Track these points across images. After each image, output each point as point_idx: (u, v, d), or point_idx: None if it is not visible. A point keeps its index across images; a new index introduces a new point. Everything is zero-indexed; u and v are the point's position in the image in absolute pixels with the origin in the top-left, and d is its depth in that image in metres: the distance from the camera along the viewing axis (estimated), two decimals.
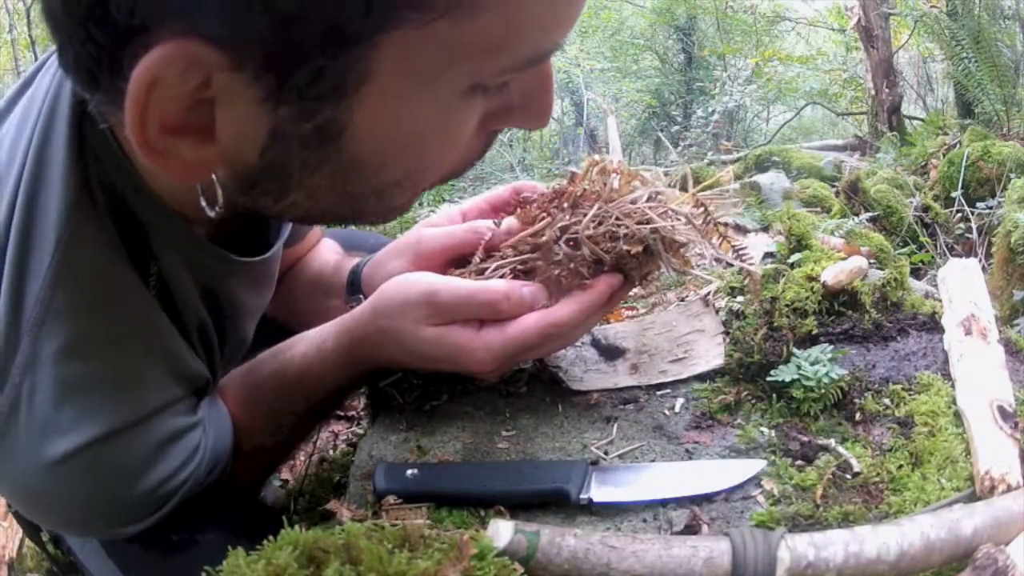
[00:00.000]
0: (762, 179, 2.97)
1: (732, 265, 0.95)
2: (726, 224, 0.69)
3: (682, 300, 0.89)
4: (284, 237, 0.76)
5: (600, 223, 0.64)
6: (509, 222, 0.71)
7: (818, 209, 2.42)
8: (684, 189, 0.70)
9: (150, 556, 0.70)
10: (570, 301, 0.64)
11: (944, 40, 4.07)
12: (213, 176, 0.48)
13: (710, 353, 0.78)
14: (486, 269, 0.68)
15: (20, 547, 1.22)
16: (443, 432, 0.71)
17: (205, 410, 0.67)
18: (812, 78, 6.30)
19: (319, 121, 0.43)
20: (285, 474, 1.38)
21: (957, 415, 0.66)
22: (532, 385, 0.77)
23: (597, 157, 0.67)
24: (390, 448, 0.70)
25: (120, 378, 0.58)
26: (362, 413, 1.42)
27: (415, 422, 0.73)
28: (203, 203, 0.50)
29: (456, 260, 0.72)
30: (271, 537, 0.47)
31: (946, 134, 3.76)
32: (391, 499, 0.61)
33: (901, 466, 0.62)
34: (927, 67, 6.38)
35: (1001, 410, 0.62)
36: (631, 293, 0.77)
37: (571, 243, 0.65)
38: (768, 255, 0.96)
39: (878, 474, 0.61)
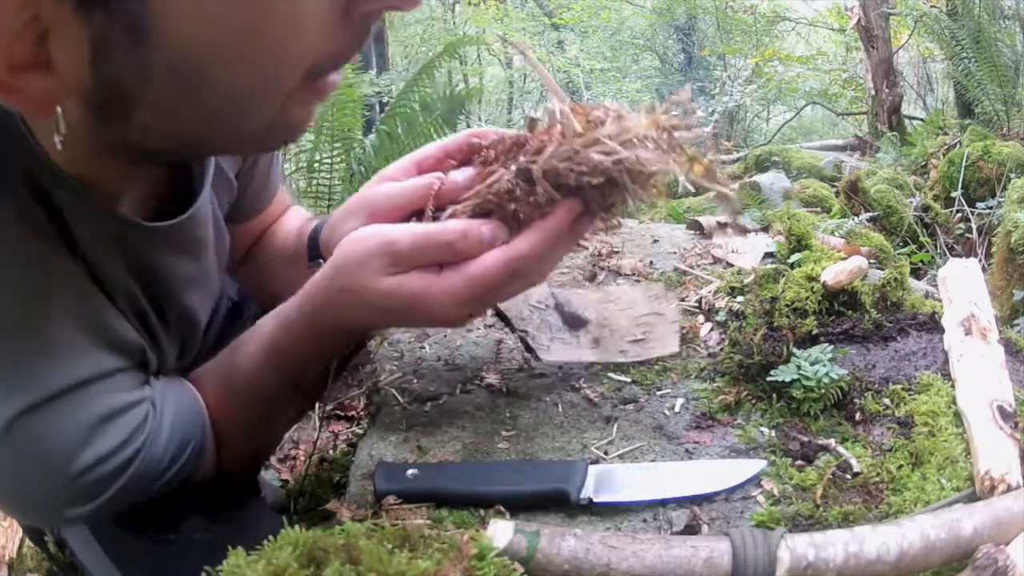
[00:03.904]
0: (762, 179, 2.97)
1: (730, 265, 0.96)
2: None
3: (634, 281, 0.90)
4: (203, 196, 0.73)
5: (565, 159, 0.61)
6: (464, 172, 0.68)
7: (818, 209, 2.42)
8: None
9: (149, 557, 0.70)
10: (531, 232, 0.61)
11: (944, 40, 4.08)
12: (57, 110, 0.48)
13: (667, 339, 0.79)
14: (439, 218, 0.66)
15: (20, 547, 1.22)
16: (443, 432, 0.71)
17: (159, 390, 0.65)
18: (812, 78, 6.31)
19: (126, 20, 0.43)
20: (285, 474, 1.38)
21: (957, 415, 0.66)
22: (532, 385, 0.77)
23: (556, 104, 0.63)
24: (390, 448, 0.70)
25: (44, 347, 0.57)
26: (362, 413, 1.42)
27: (415, 422, 0.73)
28: (56, 139, 0.49)
29: (411, 217, 0.68)
30: (271, 537, 0.47)
31: (946, 134, 3.76)
32: (391, 499, 0.61)
33: (901, 466, 0.62)
34: (927, 67, 6.38)
35: (1001, 410, 0.62)
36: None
37: (527, 180, 0.62)
38: (768, 255, 0.96)
39: (878, 474, 0.61)
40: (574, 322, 0.80)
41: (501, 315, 0.79)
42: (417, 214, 0.67)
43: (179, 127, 0.52)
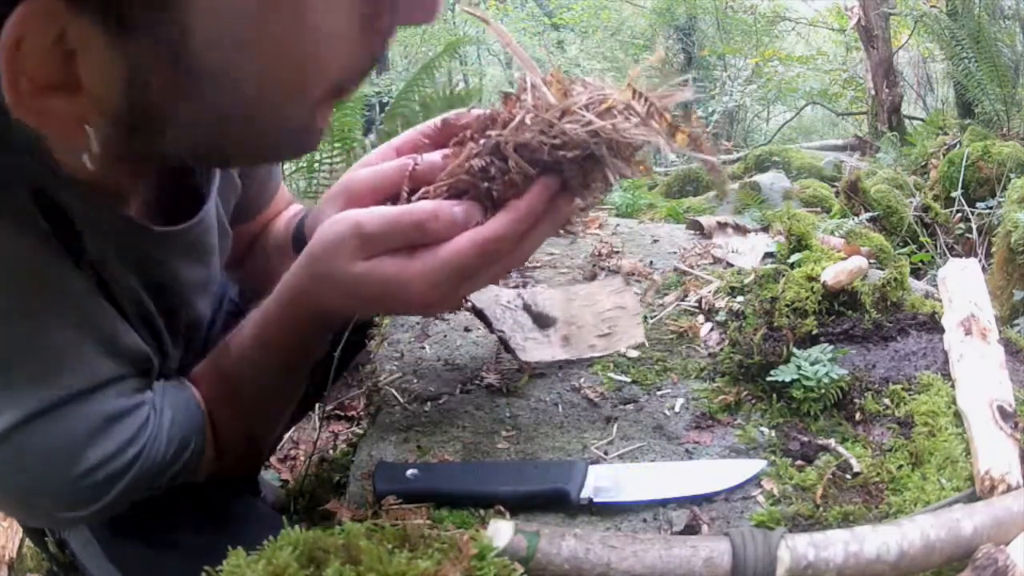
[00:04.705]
0: (762, 179, 2.97)
1: (730, 265, 0.96)
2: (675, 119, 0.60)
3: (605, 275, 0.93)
4: (211, 201, 0.74)
5: (539, 132, 0.58)
6: (441, 153, 0.66)
7: (818, 209, 2.42)
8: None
9: (149, 558, 0.70)
10: (505, 212, 0.59)
11: (944, 40, 4.08)
12: (87, 129, 0.49)
13: (631, 331, 0.81)
14: (414, 201, 0.64)
15: (20, 547, 1.22)
16: (443, 432, 0.71)
17: (159, 393, 0.66)
18: (812, 78, 6.32)
19: (163, 43, 0.43)
20: (285, 474, 1.38)
21: (957, 415, 0.66)
22: (532, 385, 0.77)
23: (528, 76, 0.60)
24: (390, 448, 0.70)
25: (48, 356, 0.57)
26: (362, 413, 1.42)
27: (415, 422, 0.73)
28: (85, 159, 0.50)
29: (388, 199, 0.67)
30: (271, 537, 0.47)
31: (946, 134, 3.76)
32: (391, 499, 0.61)
33: (901, 466, 0.62)
34: (927, 67, 6.39)
35: (1001, 410, 0.62)
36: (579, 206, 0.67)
37: (503, 157, 0.59)
38: (768, 255, 0.96)
39: (878, 474, 0.61)
40: (543, 321, 0.81)
41: (480, 314, 0.78)
42: (394, 198, 0.65)
43: (210, 140, 0.52)
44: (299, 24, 0.46)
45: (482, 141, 0.60)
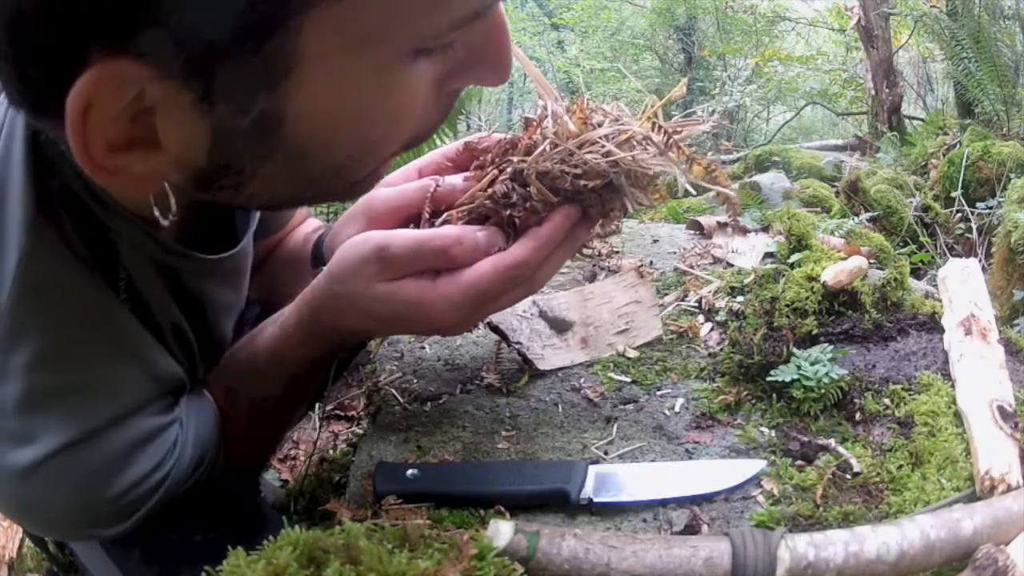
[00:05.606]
0: (762, 179, 2.97)
1: (730, 265, 0.96)
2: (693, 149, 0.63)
3: (614, 270, 0.93)
4: (251, 231, 0.75)
5: (560, 161, 0.60)
6: (462, 175, 0.68)
7: (818, 209, 2.42)
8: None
9: (150, 557, 0.70)
10: (527, 239, 0.60)
11: (944, 40, 4.08)
12: (165, 185, 0.48)
13: (649, 324, 0.81)
14: (436, 223, 0.65)
15: (20, 547, 1.22)
16: (443, 432, 0.71)
17: (184, 406, 0.66)
18: (812, 78, 6.32)
19: (256, 113, 0.43)
20: (285, 474, 1.38)
21: (957, 415, 0.66)
22: (532, 385, 0.77)
23: (549, 104, 0.62)
24: (390, 448, 0.70)
25: (90, 385, 0.58)
26: (362, 413, 1.42)
27: (415, 422, 0.73)
28: (156, 213, 0.50)
29: (409, 220, 0.68)
30: (271, 537, 0.47)
31: (946, 134, 3.77)
32: (391, 499, 0.61)
33: (901, 466, 0.62)
34: (927, 67, 6.39)
35: (1001, 410, 0.62)
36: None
37: (524, 184, 0.61)
38: (768, 255, 0.96)
39: (878, 474, 0.61)
40: (560, 326, 0.81)
41: (497, 330, 0.79)
42: (415, 219, 0.67)
43: (281, 193, 0.53)
44: (391, 99, 0.47)
45: (506, 168, 0.62)
